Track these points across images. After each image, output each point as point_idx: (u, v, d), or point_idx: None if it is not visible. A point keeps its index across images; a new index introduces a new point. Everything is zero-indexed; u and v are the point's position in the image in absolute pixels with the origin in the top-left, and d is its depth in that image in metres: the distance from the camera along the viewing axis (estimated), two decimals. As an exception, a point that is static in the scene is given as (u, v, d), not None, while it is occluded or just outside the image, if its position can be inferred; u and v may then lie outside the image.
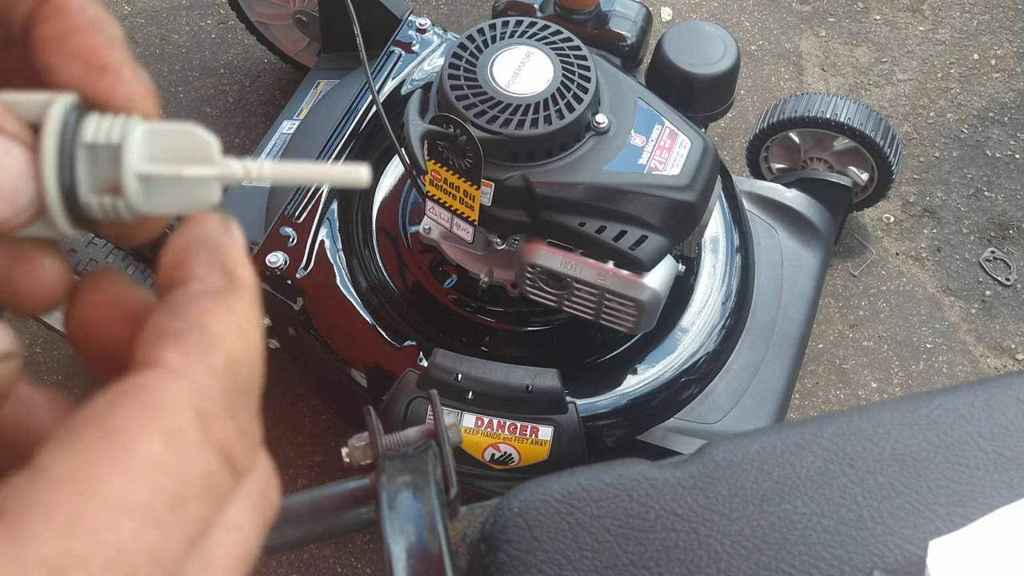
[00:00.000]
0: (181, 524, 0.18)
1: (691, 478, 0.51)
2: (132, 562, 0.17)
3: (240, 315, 0.20)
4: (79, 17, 0.21)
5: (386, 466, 0.47)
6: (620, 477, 0.51)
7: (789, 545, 0.49)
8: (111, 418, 0.18)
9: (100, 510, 0.17)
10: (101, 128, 0.21)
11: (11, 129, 0.20)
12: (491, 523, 0.50)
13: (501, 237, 0.94)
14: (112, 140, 0.21)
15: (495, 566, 0.49)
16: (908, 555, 0.49)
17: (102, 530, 0.17)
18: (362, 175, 0.22)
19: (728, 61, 1.06)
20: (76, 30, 0.21)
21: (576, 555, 0.49)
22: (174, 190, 0.21)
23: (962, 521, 0.49)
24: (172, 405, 0.18)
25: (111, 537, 0.17)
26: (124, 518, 0.17)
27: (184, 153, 0.21)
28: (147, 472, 0.17)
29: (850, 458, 0.52)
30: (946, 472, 0.51)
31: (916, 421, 0.53)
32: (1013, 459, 0.52)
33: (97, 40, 0.21)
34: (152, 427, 0.18)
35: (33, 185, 0.20)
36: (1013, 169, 1.53)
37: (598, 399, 1.01)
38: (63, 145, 0.20)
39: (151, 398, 0.18)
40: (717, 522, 0.50)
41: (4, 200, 0.20)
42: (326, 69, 1.28)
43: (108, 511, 0.17)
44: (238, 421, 0.19)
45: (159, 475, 0.17)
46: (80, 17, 0.21)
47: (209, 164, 0.21)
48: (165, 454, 0.18)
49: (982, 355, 1.37)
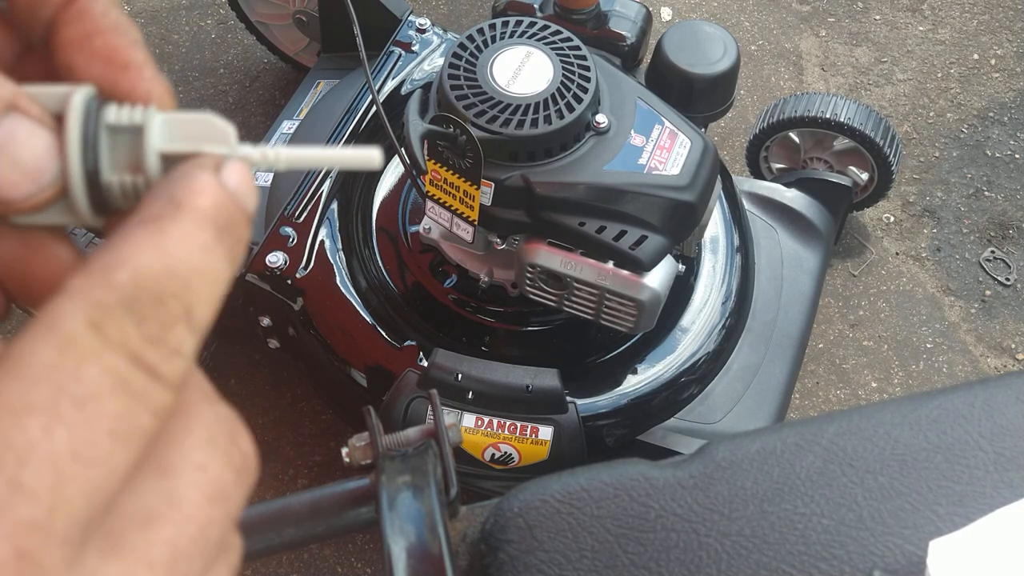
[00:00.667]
0: (97, 419, 0.18)
1: (691, 478, 0.51)
2: (47, 456, 0.17)
3: (173, 235, 0.20)
4: (102, 20, 0.22)
5: (386, 466, 0.47)
6: (620, 477, 0.51)
7: (789, 545, 0.49)
8: (12, 346, 0.18)
9: (4, 415, 0.17)
10: (123, 112, 0.22)
11: (35, 113, 0.21)
12: (491, 523, 0.50)
13: (501, 237, 0.94)
14: (135, 121, 0.21)
15: (495, 566, 0.49)
16: (908, 555, 0.49)
17: (7, 431, 0.17)
18: (374, 157, 0.22)
19: (728, 61, 1.06)
20: (99, 32, 0.22)
21: (576, 555, 0.49)
22: None
23: (962, 521, 0.49)
24: (64, 319, 0.18)
25: (19, 437, 0.17)
26: (27, 418, 0.17)
27: (201, 137, 0.22)
28: (42, 376, 0.18)
29: (850, 458, 0.52)
30: (946, 472, 0.51)
31: (916, 421, 0.53)
32: (1013, 459, 0.52)
33: (119, 41, 0.22)
34: (44, 339, 0.18)
35: (57, 163, 0.21)
36: (1013, 169, 1.53)
37: (598, 399, 1.01)
38: (87, 126, 0.21)
39: (43, 320, 0.18)
40: (717, 522, 0.50)
41: (29, 177, 0.20)
42: (326, 69, 1.28)
43: (11, 414, 0.17)
44: (145, 329, 0.19)
45: (55, 376, 0.18)
46: (103, 20, 0.22)
47: (226, 145, 0.22)
48: (58, 359, 0.18)
49: (982, 355, 1.37)
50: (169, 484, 0.19)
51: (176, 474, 0.20)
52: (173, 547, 0.19)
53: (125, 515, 0.19)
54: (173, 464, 0.20)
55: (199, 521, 0.20)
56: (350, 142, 1.13)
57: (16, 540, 0.17)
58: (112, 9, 0.23)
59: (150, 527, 0.19)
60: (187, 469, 0.20)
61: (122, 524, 0.19)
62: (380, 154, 0.23)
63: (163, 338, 0.19)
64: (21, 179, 0.20)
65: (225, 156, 0.22)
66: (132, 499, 0.19)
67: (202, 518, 0.20)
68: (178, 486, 0.20)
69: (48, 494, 0.17)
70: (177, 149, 0.22)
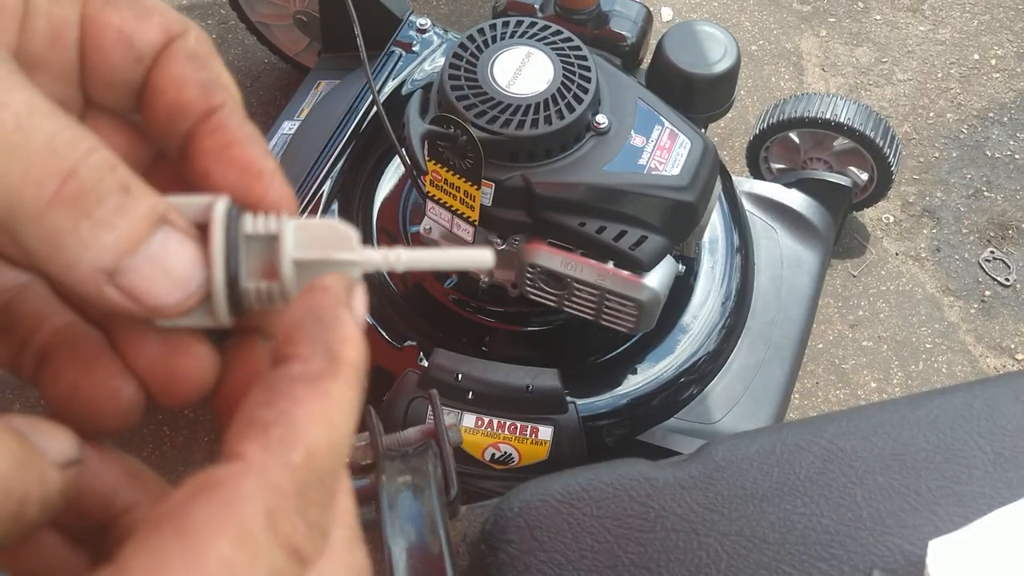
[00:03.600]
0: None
1: (691, 478, 0.51)
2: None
3: (333, 401, 0.21)
4: (238, 132, 0.24)
5: (386, 466, 0.47)
6: (620, 477, 0.51)
7: (789, 545, 0.49)
8: (187, 516, 0.19)
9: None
10: (259, 223, 0.24)
11: (183, 226, 0.22)
12: (491, 523, 0.50)
13: (501, 237, 0.94)
14: (270, 231, 0.23)
15: (495, 566, 0.49)
16: (908, 555, 0.49)
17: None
18: (487, 258, 0.25)
19: (728, 61, 1.06)
20: (236, 142, 0.24)
21: (576, 555, 0.49)
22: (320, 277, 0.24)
23: (961, 521, 0.49)
24: (245, 505, 0.19)
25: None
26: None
27: (328, 243, 0.24)
28: (218, 574, 0.18)
29: (850, 458, 0.52)
30: (945, 472, 0.52)
31: (916, 421, 0.53)
32: (1012, 459, 0.52)
33: (254, 151, 0.24)
34: (223, 529, 0.19)
35: (202, 272, 0.23)
36: (1013, 169, 1.53)
37: (598, 399, 1.01)
38: (229, 237, 0.23)
39: (225, 497, 0.19)
40: (717, 522, 0.50)
41: (178, 286, 0.22)
42: (326, 69, 1.28)
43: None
44: (308, 516, 0.20)
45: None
46: (239, 132, 0.24)
47: (352, 251, 0.24)
48: (235, 557, 0.19)
49: (981, 355, 1.37)
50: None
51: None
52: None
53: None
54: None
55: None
56: (351, 142, 1.13)
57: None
58: (246, 122, 0.25)
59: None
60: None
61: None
62: (493, 255, 0.25)
63: (318, 523, 0.21)
64: (173, 288, 0.22)
65: (353, 279, 0.23)
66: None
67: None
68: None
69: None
70: (309, 256, 0.23)
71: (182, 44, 0.25)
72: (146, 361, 0.24)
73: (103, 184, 0.21)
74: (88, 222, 0.21)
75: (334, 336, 0.22)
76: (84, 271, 0.21)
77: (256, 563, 0.19)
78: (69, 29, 0.24)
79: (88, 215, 0.21)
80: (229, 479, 0.20)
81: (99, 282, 0.21)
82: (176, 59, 0.24)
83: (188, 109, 0.24)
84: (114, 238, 0.21)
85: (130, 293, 0.22)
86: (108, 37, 0.24)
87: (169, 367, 0.24)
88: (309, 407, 0.21)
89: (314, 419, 0.21)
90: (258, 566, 0.19)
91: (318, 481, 0.21)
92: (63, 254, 0.21)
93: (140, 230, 0.22)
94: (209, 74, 0.25)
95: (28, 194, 0.20)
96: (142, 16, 0.24)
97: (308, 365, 0.21)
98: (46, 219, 0.21)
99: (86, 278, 0.21)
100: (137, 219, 0.22)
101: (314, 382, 0.21)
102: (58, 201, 0.21)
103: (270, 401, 0.21)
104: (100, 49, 0.24)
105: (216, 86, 0.25)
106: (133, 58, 0.24)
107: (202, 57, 0.25)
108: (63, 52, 0.24)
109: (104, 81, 0.25)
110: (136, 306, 0.22)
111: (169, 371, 0.24)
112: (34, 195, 0.20)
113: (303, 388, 0.21)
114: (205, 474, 0.20)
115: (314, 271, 0.24)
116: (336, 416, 0.21)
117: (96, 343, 0.24)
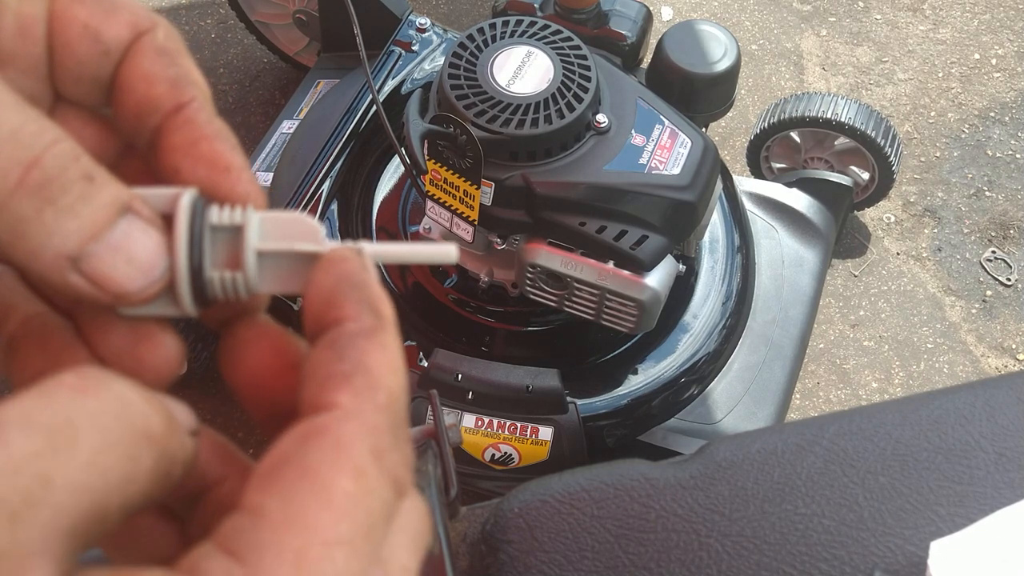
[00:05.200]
0: (371, 546, 0.21)
1: (692, 478, 0.51)
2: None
3: (391, 351, 0.23)
4: (207, 127, 0.25)
5: (386, 466, 0.47)
6: (620, 477, 0.51)
7: (790, 546, 0.49)
8: (305, 460, 0.21)
9: (318, 546, 0.20)
10: (224, 214, 0.24)
11: (147, 214, 0.23)
12: (491, 523, 0.50)
13: (501, 237, 0.94)
14: (235, 222, 0.24)
15: (496, 567, 0.48)
16: (909, 556, 0.48)
17: (323, 562, 0.20)
18: (452, 253, 0.26)
19: (728, 61, 1.05)
20: (204, 138, 0.25)
21: (576, 555, 0.48)
22: (284, 269, 0.25)
23: (963, 522, 0.49)
24: (353, 445, 0.21)
25: (330, 568, 0.20)
26: (336, 550, 0.20)
27: (293, 235, 0.24)
28: (346, 508, 0.20)
29: (851, 458, 0.52)
30: (947, 472, 0.51)
31: (917, 421, 0.53)
32: (1014, 459, 0.52)
33: (222, 147, 0.25)
34: (340, 467, 0.21)
35: (165, 260, 0.23)
36: (1014, 169, 1.53)
37: (598, 399, 1.01)
38: (193, 227, 0.23)
39: (334, 439, 0.21)
40: (718, 522, 0.50)
41: (141, 272, 0.23)
42: (326, 69, 1.28)
43: (325, 545, 0.20)
44: (401, 450, 0.22)
45: (355, 510, 0.21)
46: (207, 127, 0.25)
47: (316, 243, 0.24)
48: (356, 491, 0.21)
49: (983, 355, 1.37)
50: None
51: (389, 575, 0.22)
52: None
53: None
54: (388, 566, 0.22)
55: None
56: (350, 142, 1.13)
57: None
58: (215, 118, 0.25)
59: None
60: (396, 571, 0.22)
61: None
62: (457, 250, 0.26)
63: (408, 455, 0.23)
64: (135, 274, 0.23)
65: (363, 249, 0.24)
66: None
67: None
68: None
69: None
70: (273, 247, 0.24)
71: (150, 39, 0.25)
72: (113, 349, 0.24)
73: (67, 173, 0.22)
74: (52, 209, 0.22)
75: (371, 295, 0.23)
76: (48, 258, 0.22)
77: (372, 495, 0.21)
78: (37, 25, 0.24)
79: (52, 203, 0.22)
80: (332, 424, 0.21)
81: (63, 268, 0.22)
82: (145, 54, 0.25)
83: (157, 105, 0.25)
84: (77, 225, 0.22)
85: (94, 279, 0.22)
86: (74, 32, 0.24)
87: (136, 355, 0.24)
88: (377, 357, 0.22)
89: (384, 366, 0.22)
90: (374, 497, 0.21)
91: (401, 420, 0.23)
92: (27, 242, 0.22)
93: (103, 217, 0.22)
94: (178, 70, 0.25)
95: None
96: (109, 11, 0.25)
97: (360, 323, 0.23)
98: (10, 207, 0.21)
99: (51, 265, 0.22)
100: (100, 207, 0.22)
101: (371, 336, 0.23)
102: (22, 189, 0.21)
103: (342, 356, 0.22)
104: (67, 44, 0.25)
105: (185, 82, 0.25)
106: (100, 52, 0.25)
107: (171, 53, 0.25)
108: (31, 47, 0.24)
109: (72, 76, 0.25)
110: (100, 292, 0.23)
111: (136, 359, 0.24)
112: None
113: (364, 342, 0.23)
114: (307, 423, 0.21)
115: (278, 262, 0.25)
116: (397, 363, 0.23)
117: (64, 332, 0.25)
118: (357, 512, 0.21)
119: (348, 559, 0.20)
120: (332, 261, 0.24)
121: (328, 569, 0.20)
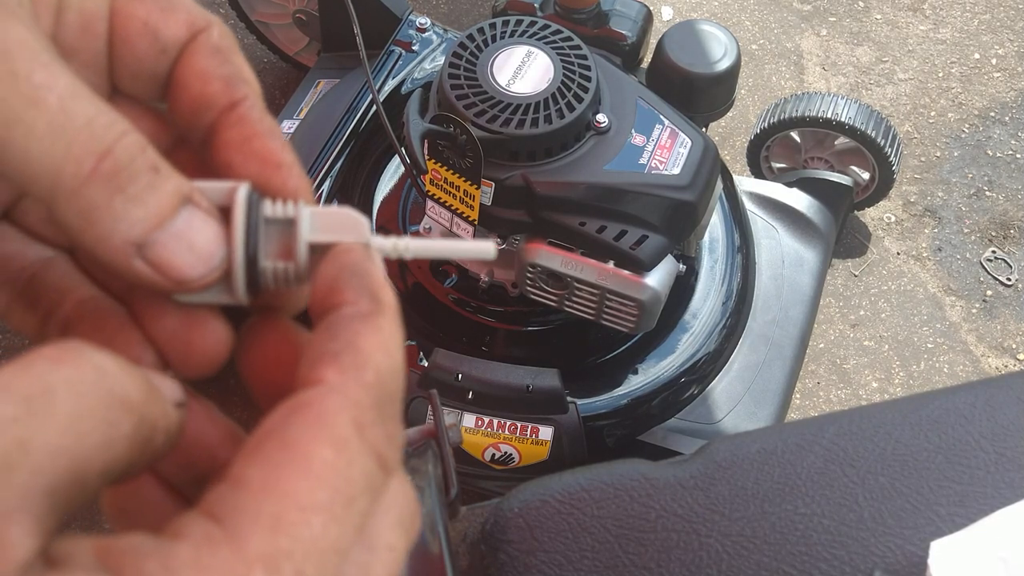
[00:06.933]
0: (352, 517, 0.21)
1: (692, 478, 0.51)
2: (322, 550, 0.21)
3: (386, 334, 0.24)
4: (259, 124, 0.26)
5: (386, 466, 0.47)
6: (620, 477, 0.51)
7: (790, 545, 0.49)
8: (287, 432, 0.21)
9: (295, 511, 0.20)
10: (276, 208, 0.25)
11: (205, 205, 0.24)
12: (491, 523, 0.50)
13: (501, 237, 0.94)
14: (288, 215, 0.25)
15: (496, 566, 0.48)
16: (909, 556, 0.48)
17: (299, 527, 0.20)
18: (490, 250, 0.27)
19: (729, 61, 1.05)
20: (257, 135, 0.26)
21: (576, 555, 0.48)
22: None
23: (963, 522, 0.49)
24: (335, 417, 0.22)
25: (306, 532, 0.20)
26: (313, 516, 0.21)
27: (341, 229, 0.26)
28: (324, 477, 0.21)
29: (851, 458, 0.52)
30: (947, 472, 0.51)
31: (917, 421, 0.53)
32: (1014, 459, 0.52)
33: (274, 144, 0.26)
34: (321, 438, 0.21)
35: (223, 250, 0.24)
36: (1014, 169, 1.53)
37: (598, 399, 1.01)
38: (250, 218, 0.25)
39: (317, 412, 0.22)
40: (718, 522, 0.50)
41: (201, 260, 0.24)
42: (326, 68, 1.28)
43: (302, 511, 0.20)
44: (386, 427, 0.23)
45: (334, 478, 0.21)
46: (260, 125, 0.26)
47: (363, 237, 0.26)
48: (336, 460, 0.21)
49: (983, 355, 1.37)
50: (367, 559, 0.23)
51: (374, 552, 0.23)
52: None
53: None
54: (373, 543, 0.23)
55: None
56: (350, 142, 1.13)
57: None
58: (266, 115, 0.26)
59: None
60: (381, 549, 0.23)
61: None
62: (495, 247, 0.27)
63: (395, 435, 0.23)
64: (196, 262, 0.24)
65: (368, 243, 0.26)
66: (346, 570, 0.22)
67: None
68: (373, 564, 0.23)
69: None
70: (323, 239, 0.26)
71: (206, 39, 0.26)
72: (165, 333, 0.26)
73: (135, 163, 0.23)
74: (121, 197, 0.23)
75: (372, 283, 0.24)
76: (116, 243, 0.23)
77: (353, 465, 0.21)
78: (99, 21, 0.25)
79: (121, 191, 0.23)
80: (316, 399, 0.22)
81: (129, 254, 0.23)
82: (201, 53, 0.26)
83: (212, 102, 0.26)
84: (144, 213, 0.23)
85: (157, 265, 0.23)
86: (134, 29, 0.26)
87: (187, 340, 0.26)
88: (369, 338, 0.23)
89: (375, 347, 0.23)
90: (355, 467, 0.21)
91: (389, 399, 0.23)
92: (97, 227, 0.23)
93: (167, 207, 0.23)
94: (232, 68, 0.26)
95: (68, 170, 0.22)
96: (167, 10, 0.26)
97: (358, 306, 0.24)
98: (83, 194, 0.22)
99: (117, 250, 0.23)
100: (165, 196, 0.23)
101: (367, 319, 0.24)
102: (95, 177, 0.22)
103: (334, 336, 0.23)
104: (127, 41, 0.26)
105: (239, 80, 0.26)
106: (158, 50, 0.26)
107: (225, 51, 0.26)
108: (93, 42, 0.26)
109: (130, 71, 0.26)
110: (162, 278, 0.24)
111: (187, 343, 0.26)
112: (73, 171, 0.22)
113: (359, 324, 0.23)
114: (292, 399, 0.22)
115: (327, 255, 0.26)
116: (391, 345, 0.24)
117: (118, 315, 0.26)
118: (336, 480, 0.21)
119: (326, 526, 0.21)
120: (338, 252, 0.25)
121: (305, 533, 0.20)
